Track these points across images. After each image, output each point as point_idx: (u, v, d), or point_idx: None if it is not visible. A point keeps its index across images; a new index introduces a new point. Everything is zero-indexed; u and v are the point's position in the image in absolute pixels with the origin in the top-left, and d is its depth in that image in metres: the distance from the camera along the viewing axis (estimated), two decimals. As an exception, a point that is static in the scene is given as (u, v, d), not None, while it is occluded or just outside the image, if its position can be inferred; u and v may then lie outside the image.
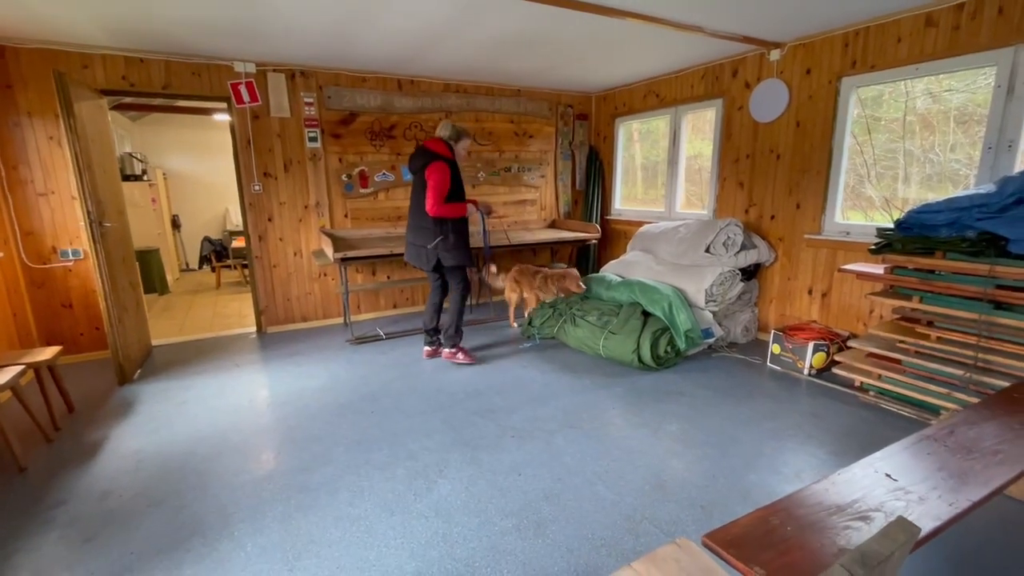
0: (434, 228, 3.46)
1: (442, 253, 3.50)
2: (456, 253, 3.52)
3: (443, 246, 3.49)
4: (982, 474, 1.62)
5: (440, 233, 3.47)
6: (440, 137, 3.47)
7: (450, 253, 3.50)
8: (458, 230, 3.51)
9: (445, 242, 3.48)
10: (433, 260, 3.55)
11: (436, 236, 3.47)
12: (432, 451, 2.59)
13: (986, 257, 2.48)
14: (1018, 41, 2.77)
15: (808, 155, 3.83)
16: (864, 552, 0.74)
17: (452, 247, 3.50)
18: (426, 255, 3.56)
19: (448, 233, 3.47)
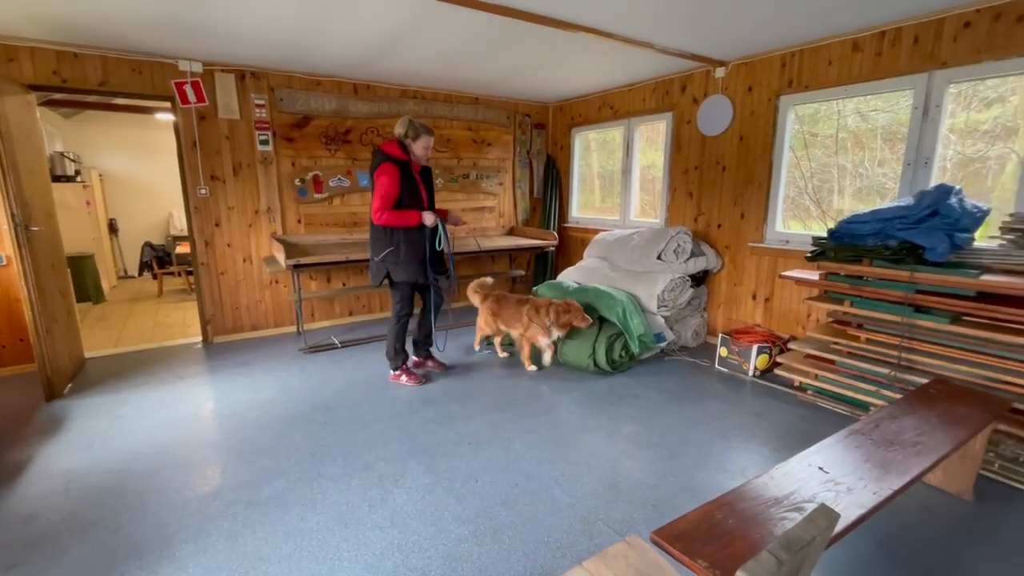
0: (383, 238, 3.16)
1: (391, 266, 3.19)
2: (406, 268, 3.19)
3: (392, 258, 3.17)
4: (903, 464, 1.76)
5: (390, 244, 3.15)
6: (395, 136, 3.16)
7: (400, 267, 3.18)
8: (411, 240, 3.16)
9: (395, 254, 3.16)
10: (382, 274, 3.25)
11: (386, 247, 3.16)
12: (388, 460, 2.55)
13: (906, 264, 2.70)
14: (931, 68, 3.05)
15: (751, 168, 4.05)
16: (789, 538, 0.80)
17: (403, 260, 3.17)
18: (375, 268, 3.27)
19: (399, 244, 3.15)
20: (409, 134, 3.11)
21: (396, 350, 3.50)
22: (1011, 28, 2.73)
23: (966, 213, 2.62)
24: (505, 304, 3.79)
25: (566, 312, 3.55)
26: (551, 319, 3.53)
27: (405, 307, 3.39)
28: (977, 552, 1.93)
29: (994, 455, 2.41)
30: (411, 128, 3.10)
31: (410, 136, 3.11)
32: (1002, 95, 3.49)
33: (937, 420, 2.06)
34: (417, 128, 3.12)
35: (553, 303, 3.59)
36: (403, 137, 3.12)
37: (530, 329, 3.62)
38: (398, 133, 3.13)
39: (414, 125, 3.12)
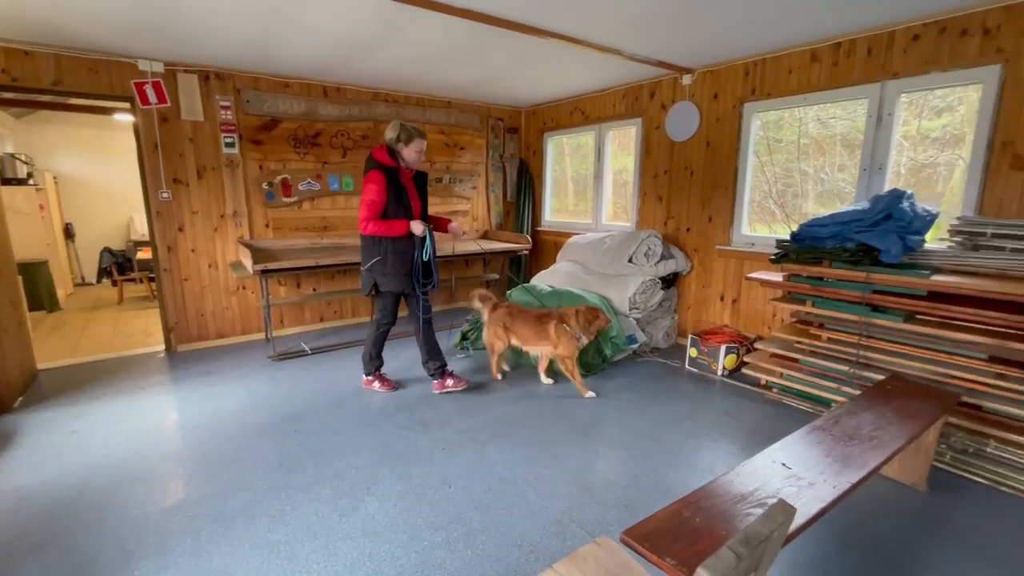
0: (371, 247, 3.08)
1: (379, 276, 3.11)
2: (392, 278, 3.10)
3: (379, 268, 3.09)
4: (861, 458, 1.82)
5: (377, 253, 3.07)
6: (385, 142, 3.04)
7: (387, 277, 3.10)
8: (399, 250, 3.06)
9: (383, 264, 3.08)
10: (370, 284, 3.17)
11: (373, 256, 3.08)
12: (360, 468, 2.51)
13: (863, 265, 2.81)
14: (883, 78, 3.19)
15: (718, 172, 4.16)
16: (748, 533, 0.82)
17: (390, 270, 3.08)
18: (364, 277, 3.19)
19: (387, 253, 3.06)
20: (401, 138, 2.98)
21: (371, 356, 3.43)
22: (955, 41, 2.89)
23: (917, 216, 2.75)
24: (521, 319, 3.45)
25: (595, 319, 3.31)
26: (580, 329, 3.28)
27: (387, 316, 3.30)
28: (931, 540, 2.01)
29: (946, 447, 2.53)
30: (403, 132, 2.98)
31: (402, 140, 2.99)
32: (950, 104, 3.68)
33: (892, 415, 2.15)
34: (410, 132, 2.99)
35: (578, 312, 3.32)
36: (394, 142, 3.00)
37: (562, 346, 3.31)
38: (389, 138, 3.01)
39: (406, 129, 2.99)
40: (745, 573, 0.83)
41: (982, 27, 2.79)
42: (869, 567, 1.88)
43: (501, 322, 3.50)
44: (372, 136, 5.05)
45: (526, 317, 3.44)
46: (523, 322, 3.43)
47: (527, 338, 3.43)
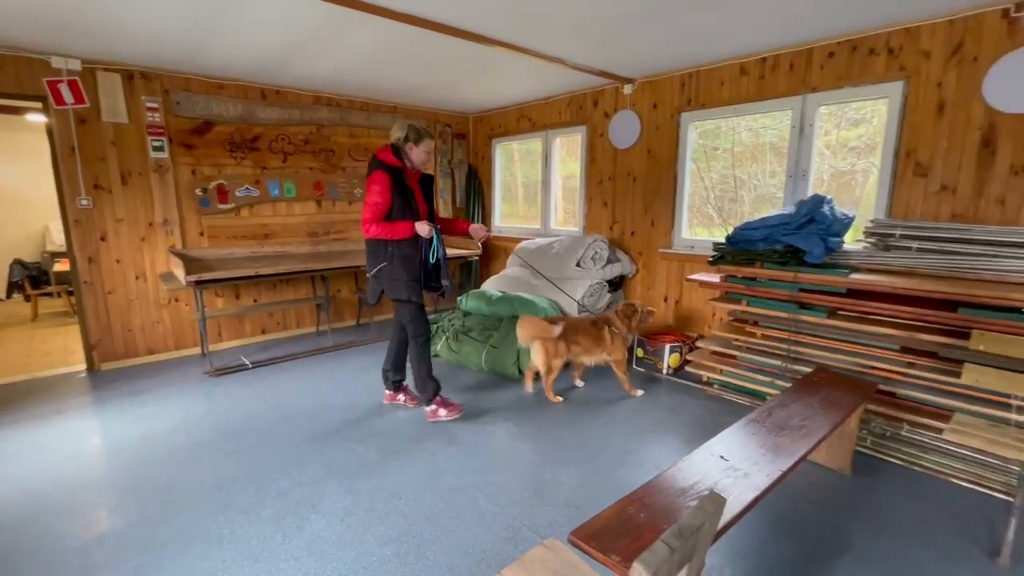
0: (376, 252, 2.91)
1: (385, 283, 2.94)
2: (399, 284, 2.91)
3: (386, 274, 2.91)
4: (791, 447, 1.94)
5: (383, 258, 2.89)
6: (391, 142, 2.87)
7: (393, 283, 2.92)
8: (405, 255, 2.89)
9: (389, 269, 2.90)
10: (377, 292, 3.02)
11: (378, 261, 2.91)
12: (305, 485, 2.42)
13: (791, 266, 3.00)
14: (804, 91, 3.43)
15: (659, 178, 4.33)
16: (681, 526, 0.86)
17: (396, 276, 2.90)
18: (370, 284, 3.04)
19: (392, 258, 2.87)
20: (410, 137, 2.83)
21: (426, 377, 3.07)
22: (865, 59, 3.15)
23: (837, 220, 2.97)
24: (582, 331, 3.36)
25: (633, 314, 3.39)
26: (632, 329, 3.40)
27: (421, 326, 3.02)
28: (856, 520, 2.17)
29: (866, 432, 2.73)
30: (411, 131, 2.83)
31: (411, 140, 2.84)
32: (864, 116, 4.00)
33: (819, 404, 2.30)
34: (419, 131, 2.85)
35: (618, 312, 3.39)
36: (401, 142, 2.84)
37: (616, 350, 3.38)
38: (396, 137, 2.86)
39: (415, 128, 2.84)
40: (679, 564, 0.87)
41: (887, 47, 3.06)
42: (802, 550, 2.00)
43: (567, 339, 3.34)
44: (315, 141, 4.90)
45: (583, 326, 3.39)
46: (584, 334, 3.37)
47: (589, 348, 3.38)
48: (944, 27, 2.85)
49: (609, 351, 3.37)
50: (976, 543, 2.02)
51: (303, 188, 4.90)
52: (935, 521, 2.15)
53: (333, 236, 5.19)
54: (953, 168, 2.89)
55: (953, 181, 2.90)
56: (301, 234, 4.97)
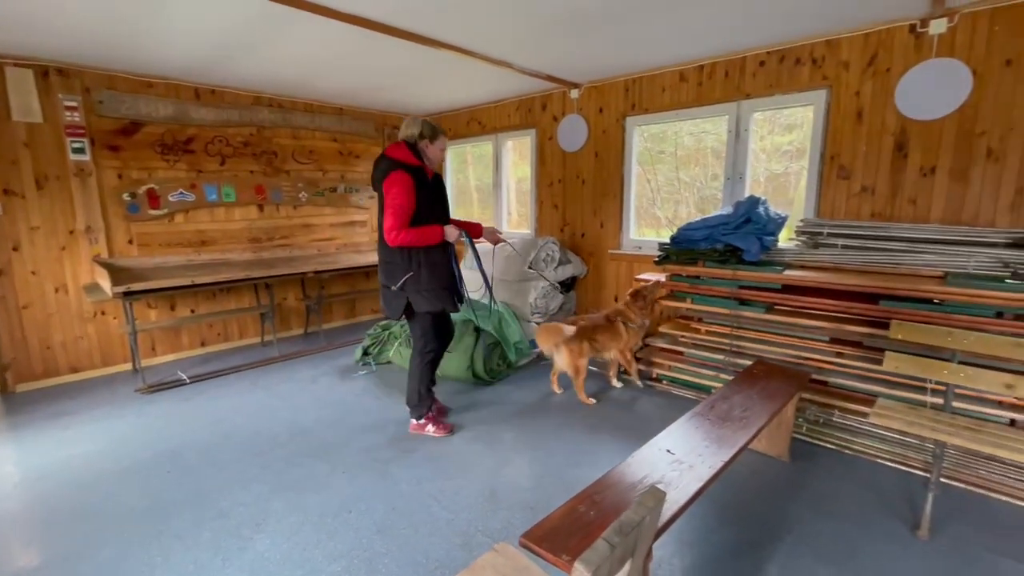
0: (401, 262, 2.61)
1: (412, 295, 2.65)
2: (430, 295, 2.65)
3: (413, 286, 2.63)
4: (732, 437, 2.02)
5: (408, 268, 2.60)
6: (403, 139, 2.63)
7: (422, 295, 2.64)
8: (433, 263, 2.63)
9: (416, 281, 2.62)
10: (402, 305, 2.70)
11: (404, 272, 2.61)
12: (248, 505, 2.30)
13: (730, 264, 3.14)
14: (739, 98, 3.60)
15: (606, 181, 4.43)
16: (622, 522, 0.87)
17: (425, 287, 2.63)
18: (393, 298, 2.71)
19: (420, 267, 2.61)
20: (425, 134, 2.62)
21: (421, 395, 2.89)
22: (792, 68, 3.35)
23: (771, 220, 3.13)
24: (598, 328, 3.38)
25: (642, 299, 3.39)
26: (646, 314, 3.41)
27: (431, 342, 2.82)
28: (794, 504, 2.28)
29: (802, 420, 2.89)
30: (426, 127, 2.62)
31: (426, 136, 2.62)
32: (795, 122, 4.23)
33: (758, 395, 2.41)
34: (433, 128, 2.64)
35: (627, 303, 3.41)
36: (415, 138, 2.62)
37: (632, 338, 3.45)
38: (410, 134, 2.62)
39: (429, 124, 2.63)
40: (621, 560, 0.88)
41: (811, 57, 3.26)
42: (746, 535, 2.08)
43: (586, 338, 3.33)
44: (255, 143, 4.70)
45: (598, 323, 3.41)
46: (602, 331, 3.39)
47: (607, 343, 3.42)
48: (860, 40, 3.08)
49: (627, 343, 3.44)
50: (900, 518, 2.17)
51: (243, 192, 4.68)
52: (864, 500, 2.30)
53: (278, 242, 4.99)
54: (872, 171, 3.12)
55: (872, 183, 3.13)
56: (242, 240, 4.75)
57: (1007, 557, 1.94)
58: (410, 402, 2.94)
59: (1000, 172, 2.73)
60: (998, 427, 2.12)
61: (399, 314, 2.74)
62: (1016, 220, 2.71)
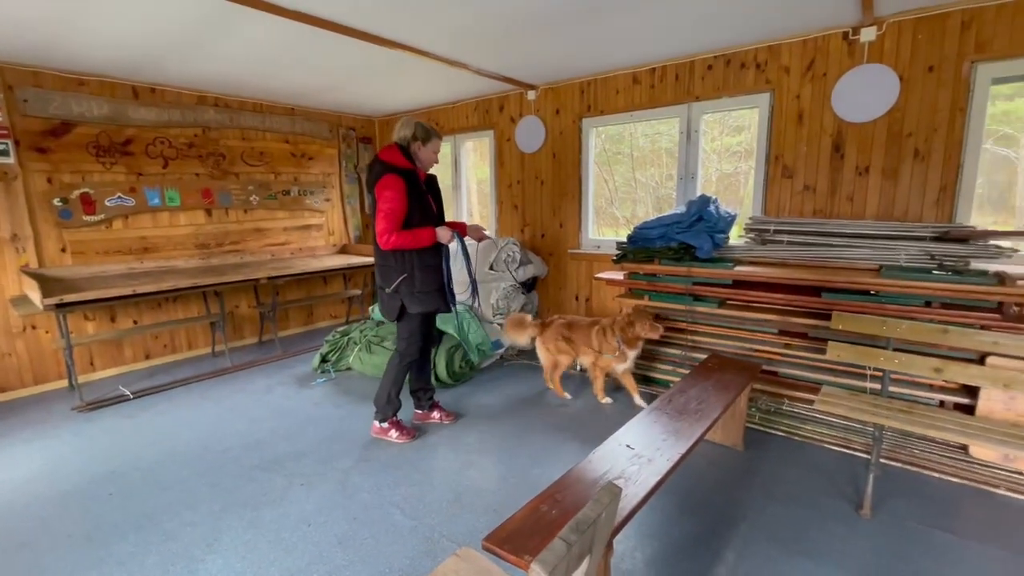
0: (395, 264, 2.64)
1: (406, 298, 2.67)
2: (423, 297, 2.68)
3: (407, 288, 2.65)
4: (689, 430, 2.08)
5: (402, 271, 2.63)
6: (395, 142, 2.64)
7: (415, 297, 2.66)
8: (426, 266, 2.66)
9: (410, 283, 2.64)
10: (396, 307, 2.71)
11: (398, 275, 2.64)
12: (197, 524, 2.19)
13: (685, 262, 3.24)
14: (689, 100, 3.72)
15: (565, 182, 4.47)
16: (578, 520, 0.88)
17: (419, 289, 2.66)
18: (388, 300, 2.73)
19: (413, 270, 2.64)
20: (418, 136, 2.62)
21: (390, 397, 2.86)
22: (738, 72, 3.48)
23: (722, 218, 3.25)
24: (577, 328, 3.36)
25: (630, 325, 3.09)
26: (618, 337, 3.15)
27: (414, 344, 2.82)
28: (749, 490, 2.37)
29: (755, 409, 3.01)
30: (419, 129, 2.63)
31: (419, 139, 2.63)
32: (744, 124, 4.40)
33: (712, 388, 2.49)
34: (427, 130, 2.65)
35: (617, 318, 3.20)
36: (408, 140, 2.62)
37: (601, 357, 3.23)
38: (402, 136, 2.63)
39: (423, 127, 2.64)
40: (579, 558, 0.89)
41: (755, 61, 3.40)
42: (704, 524, 2.14)
43: (559, 335, 3.35)
44: (201, 144, 4.49)
45: (580, 326, 3.38)
46: (578, 331, 3.36)
47: (580, 346, 3.35)
48: (799, 46, 3.23)
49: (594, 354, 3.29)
50: (845, 499, 2.29)
51: (189, 196, 4.47)
52: (812, 483, 2.41)
53: (228, 248, 4.78)
54: (812, 170, 3.28)
55: (813, 181, 3.29)
56: (189, 247, 4.53)
57: (940, 529, 2.08)
58: (377, 402, 2.90)
59: (926, 171, 2.93)
60: (929, 409, 2.28)
61: (394, 316, 2.75)
62: (940, 215, 2.92)
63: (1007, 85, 2.89)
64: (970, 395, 2.51)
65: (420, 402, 3.14)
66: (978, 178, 2.86)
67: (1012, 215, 3.55)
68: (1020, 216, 3.22)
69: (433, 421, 3.14)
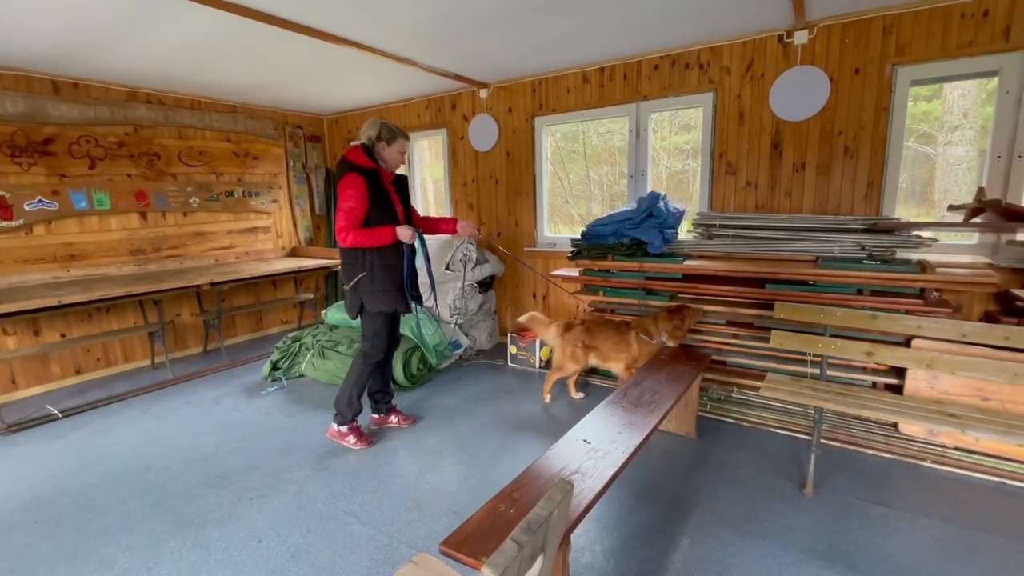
0: (354, 262, 2.67)
1: (365, 295, 2.69)
2: (383, 296, 2.70)
3: (367, 285, 2.68)
4: (643, 421, 2.12)
5: (362, 267, 2.66)
6: (361, 142, 2.68)
7: (375, 295, 2.69)
8: (387, 264, 2.68)
9: (369, 280, 2.67)
10: (356, 305, 2.73)
11: (356, 272, 2.67)
12: (136, 548, 2.05)
13: (637, 257, 3.31)
14: (637, 99, 3.80)
15: (519, 180, 4.48)
16: (529, 520, 0.88)
17: (379, 287, 2.68)
18: (348, 298, 2.75)
19: (372, 267, 2.66)
20: (383, 136, 2.65)
21: (351, 399, 2.82)
22: (682, 72, 3.59)
23: (671, 214, 3.34)
24: (601, 333, 3.15)
25: (678, 320, 2.98)
26: (665, 335, 3.00)
27: (378, 343, 2.81)
28: (702, 476, 2.45)
29: (706, 398, 3.12)
30: (384, 130, 2.65)
31: (383, 139, 2.65)
32: (691, 123, 4.53)
33: (665, 379, 2.56)
34: (392, 130, 2.68)
35: (659, 315, 3.04)
36: (373, 141, 2.65)
37: (643, 358, 3.00)
38: (368, 136, 2.66)
39: (388, 127, 2.67)
40: (531, 557, 0.89)
41: (698, 62, 3.52)
42: (660, 511, 2.20)
43: (580, 341, 3.18)
44: (132, 143, 4.22)
45: (606, 330, 3.17)
46: (604, 336, 3.15)
47: (609, 353, 3.15)
48: (739, 47, 3.36)
49: (636, 360, 3.07)
50: (789, 479, 2.41)
51: (120, 199, 4.18)
52: (760, 466, 2.52)
53: (166, 253, 4.52)
54: (754, 167, 3.43)
55: (755, 178, 3.44)
56: (122, 252, 4.24)
57: (875, 503, 2.22)
58: (338, 404, 2.84)
59: (855, 167, 3.12)
60: (863, 390, 2.42)
61: (355, 313, 2.76)
62: (869, 208, 3.11)
63: (925, 87, 3.12)
64: (899, 376, 2.70)
65: (377, 405, 3.08)
66: (901, 174, 3.06)
67: (932, 207, 3.83)
68: (939, 208, 3.47)
69: (391, 426, 3.09)
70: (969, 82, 3.56)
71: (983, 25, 2.71)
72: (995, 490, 2.29)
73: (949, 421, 2.07)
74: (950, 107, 4.19)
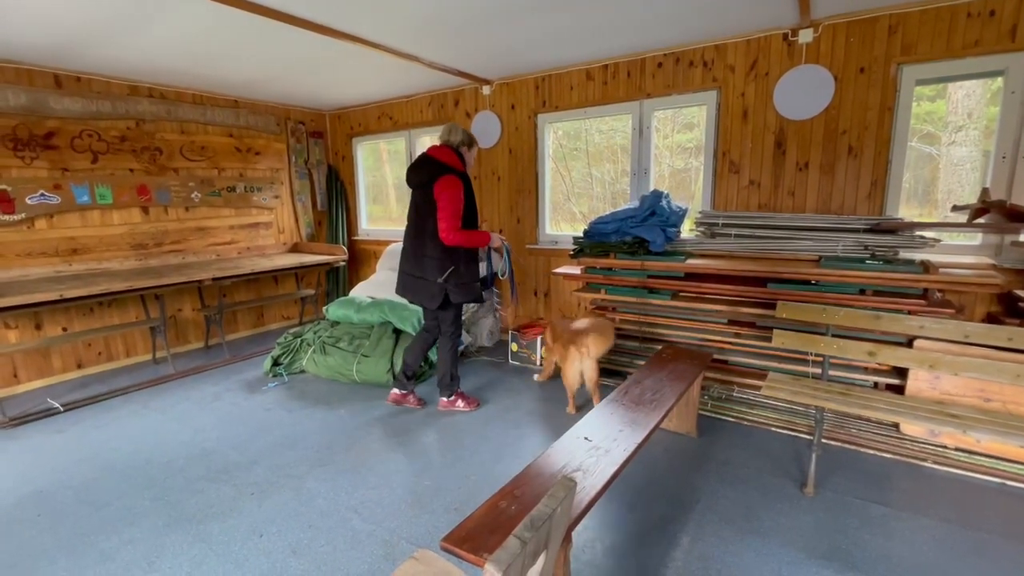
0: (444, 258, 2.87)
1: (452, 288, 2.92)
2: (468, 289, 2.99)
3: (455, 279, 2.91)
4: (645, 419, 2.12)
5: (451, 263, 2.89)
6: (448, 143, 2.89)
7: (460, 289, 2.95)
8: (470, 260, 3.00)
9: (457, 275, 2.91)
10: (440, 297, 2.94)
11: (447, 268, 2.88)
12: (137, 542, 2.06)
13: (639, 255, 3.30)
14: (641, 97, 3.79)
15: (521, 177, 4.47)
16: (532, 517, 0.87)
17: (465, 282, 2.95)
18: (431, 290, 2.94)
19: (460, 264, 2.91)
20: (465, 141, 2.93)
21: (453, 375, 3.20)
22: (686, 70, 3.57)
23: (673, 212, 3.33)
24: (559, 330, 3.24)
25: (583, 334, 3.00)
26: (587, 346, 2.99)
27: (458, 327, 3.16)
28: (703, 475, 2.45)
29: (707, 397, 3.12)
30: (467, 136, 2.94)
31: (465, 144, 2.94)
32: (694, 121, 4.51)
33: (666, 378, 2.56)
34: (472, 136, 2.99)
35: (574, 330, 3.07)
36: (459, 145, 2.91)
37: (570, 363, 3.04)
38: (454, 140, 2.90)
39: (468, 134, 2.96)
40: (534, 554, 0.89)
41: (702, 60, 3.50)
42: (662, 509, 2.20)
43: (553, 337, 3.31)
44: (135, 138, 4.21)
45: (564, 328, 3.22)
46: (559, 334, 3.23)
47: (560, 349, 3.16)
48: (744, 45, 3.35)
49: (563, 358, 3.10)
50: (790, 478, 2.41)
51: (122, 193, 4.18)
52: (760, 465, 2.52)
53: (168, 248, 4.52)
54: (757, 166, 3.42)
55: (758, 176, 3.43)
56: (124, 247, 4.24)
57: (875, 503, 2.22)
58: (441, 383, 3.21)
59: (859, 166, 3.11)
60: (864, 390, 2.42)
61: (436, 303, 2.97)
62: (872, 208, 3.10)
63: (929, 87, 3.10)
64: (900, 376, 2.69)
65: (407, 382, 3.28)
66: (905, 173, 3.05)
67: (935, 208, 3.82)
68: (942, 209, 3.46)
69: (408, 405, 3.29)
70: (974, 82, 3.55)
71: (989, 24, 2.70)
72: (996, 491, 2.29)
73: (951, 422, 2.07)
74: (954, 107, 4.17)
